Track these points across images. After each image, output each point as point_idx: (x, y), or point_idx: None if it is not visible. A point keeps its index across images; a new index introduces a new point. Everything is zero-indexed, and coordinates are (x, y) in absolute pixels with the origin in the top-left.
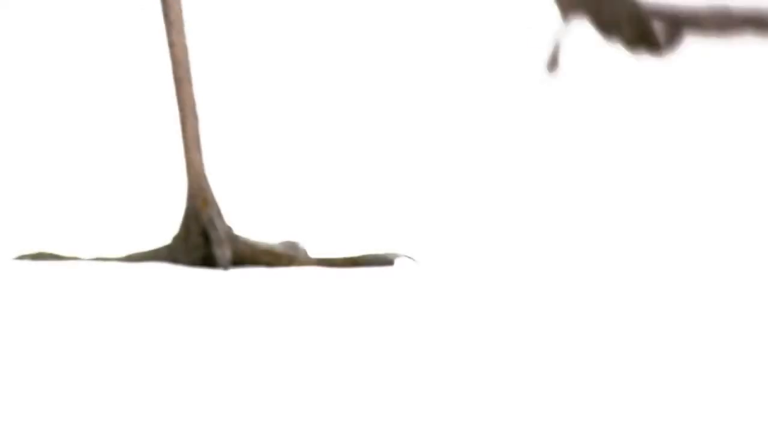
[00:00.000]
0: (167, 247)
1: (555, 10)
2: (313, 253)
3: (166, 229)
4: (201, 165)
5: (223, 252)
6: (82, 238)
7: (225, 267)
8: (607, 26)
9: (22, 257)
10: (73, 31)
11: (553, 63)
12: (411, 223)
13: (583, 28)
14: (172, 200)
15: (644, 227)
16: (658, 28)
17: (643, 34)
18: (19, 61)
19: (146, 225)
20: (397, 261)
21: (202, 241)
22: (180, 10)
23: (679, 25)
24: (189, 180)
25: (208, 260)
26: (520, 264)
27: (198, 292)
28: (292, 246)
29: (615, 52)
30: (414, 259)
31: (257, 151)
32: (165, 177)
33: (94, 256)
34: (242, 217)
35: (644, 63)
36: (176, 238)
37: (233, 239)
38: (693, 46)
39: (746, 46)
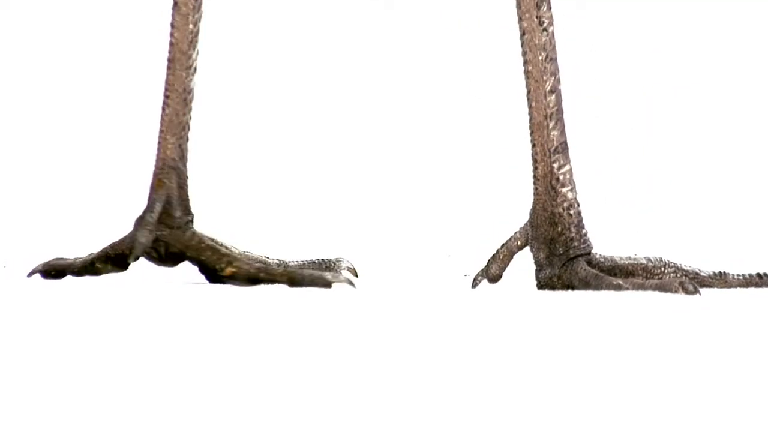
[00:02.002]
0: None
1: None
2: (258, 261)
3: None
4: (173, 150)
5: (141, 234)
6: (86, 239)
7: (136, 251)
8: None
9: (34, 272)
10: (75, 32)
11: None
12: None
13: None
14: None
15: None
16: None
17: None
18: (18, 61)
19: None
20: (336, 285)
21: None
22: None
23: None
24: (156, 160)
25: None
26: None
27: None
28: (283, 264)
29: None
30: (353, 284)
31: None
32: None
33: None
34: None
35: None
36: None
37: (181, 228)
38: None
39: None
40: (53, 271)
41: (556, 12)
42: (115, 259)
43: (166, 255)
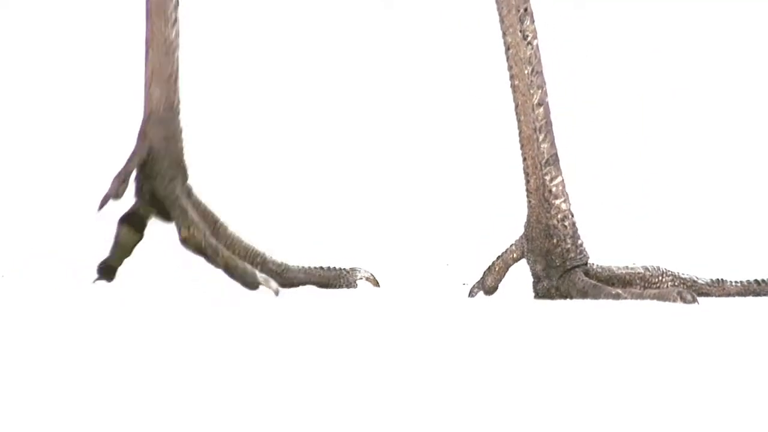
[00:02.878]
0: None
1: None
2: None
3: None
4: (158, 102)
5: (114, 184)
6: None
7: (105, 199)
8: None
9: (96, 279)
10: (73, 31)
11: None
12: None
13: None
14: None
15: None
16: None
17: None
18: (19, 61)
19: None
20: (263, 288)
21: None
22: None
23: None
24: (144, 113)
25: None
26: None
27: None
28: (284, 266)
29: None
30: (277, 293)
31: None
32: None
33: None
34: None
35: None
36: None
37: (165, 179)
38: None
39: None
40: (103, 266)
41: (554, 13)
42: (128, 219)
43: (152, 200)
